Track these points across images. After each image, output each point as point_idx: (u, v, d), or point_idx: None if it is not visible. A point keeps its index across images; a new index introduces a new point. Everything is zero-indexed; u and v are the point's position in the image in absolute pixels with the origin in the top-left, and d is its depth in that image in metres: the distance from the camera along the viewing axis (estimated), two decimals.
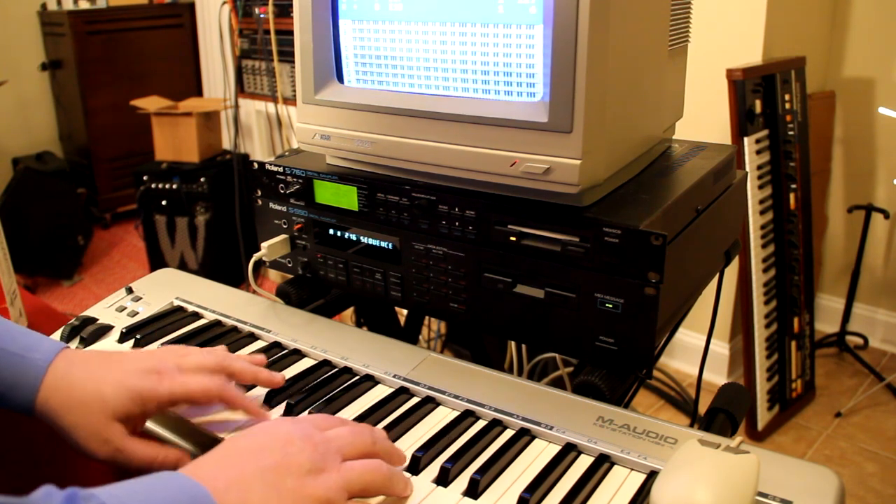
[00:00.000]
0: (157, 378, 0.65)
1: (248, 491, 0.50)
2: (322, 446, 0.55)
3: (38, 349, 0.66)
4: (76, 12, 3.51)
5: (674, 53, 0.86)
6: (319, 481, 0.53)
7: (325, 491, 0.52)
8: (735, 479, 0.53)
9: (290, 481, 0.52)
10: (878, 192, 2.40)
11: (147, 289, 0.96)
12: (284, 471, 0.52)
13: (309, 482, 0.52)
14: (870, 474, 1.91)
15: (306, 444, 0.55)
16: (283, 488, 0.51)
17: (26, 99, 3.74)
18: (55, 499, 0.41)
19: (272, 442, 0.54)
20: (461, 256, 0.79)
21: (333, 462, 0.55)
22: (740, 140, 1.93)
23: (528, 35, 0.68)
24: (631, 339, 0.70)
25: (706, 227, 0.82)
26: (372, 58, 0.80)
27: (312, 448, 0.55)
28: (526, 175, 0.70)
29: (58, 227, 3.20)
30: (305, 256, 0.93)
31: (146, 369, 0.66)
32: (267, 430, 0.56)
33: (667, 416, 2.18)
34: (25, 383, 0.64)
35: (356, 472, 0.55)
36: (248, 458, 0.53)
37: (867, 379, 2.32)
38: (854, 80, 2.36)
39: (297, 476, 0.52)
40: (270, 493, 0.51)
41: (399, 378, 0.75)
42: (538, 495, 0.58)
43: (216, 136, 2.94)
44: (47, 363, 0.65)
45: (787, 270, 2.09)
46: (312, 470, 0.53)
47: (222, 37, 2.82)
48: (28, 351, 0.65)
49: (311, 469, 0.53)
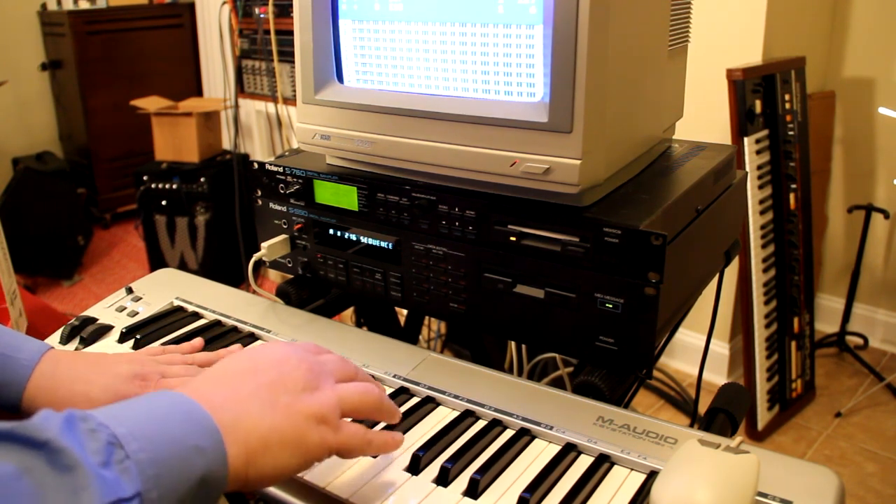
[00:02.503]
0: (141, 385, 0.66)
1: (244, 407, 0.51)
2: (316, 367, 0.57)
3: (23, 350, 0.67)
4: (76, 12, 3.51)
5: (674, 53, 0.86)
6: (314, 398, 0.54)
7: (319, 407, 0.54)
8: (735, 479, 0.53)
9: (285, 398, 0.53)
10: (878, 192, 2.40)
11: (147, 289, 0.96)
12: (280, 388, 0.53)
13: (304, 398, 0.53)
14: (870, 474, 1.91)
15: (301, 364, 0.56)
16: (278, 404, 0.52)
17: (26, 99, 3.74)
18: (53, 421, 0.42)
19: (267, 361, 0.55)
20: (461, 256, 0.79)
21: (327, 382, 0.56)
22: (740, 140, 1.93)
23: (528, 35, 0.68)
24: (631, 339, 0.70)
25: (706, 227, 0.82)
26: (372, 58, 0.80)
27: (307, 367, 0.56)
28: (526, 175, 0.70)
29: (58, 227, 3.20)
30: (305, 256, 0.93)
31: (131, 375, 0.67)
32: (262, 351, 0.57)
33: (667, 416, 2.18)
34: (12, 382, 0.65)
35: (348, 392, 0.56)
36: (244, 376, 0.54)
37: (867, 379, 2.32)
38: (854, 80, 2.36)
39: (291, 393, 0.53)
40: (265, 409, 0.51)
41: (399, 378, 0.75)
42: (538, 495, 0.58)
43: (216, 136, 2.94)
44: (33, 363, 0.66)
45: (787, 270, 2.09)
46: (307, 387, 0.54)
47: (222, 37, 2.81)
48: (14, 351, 0.67)
49: (305, 387, 0.54)
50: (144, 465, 0.43)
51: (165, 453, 0.44)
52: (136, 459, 0.42)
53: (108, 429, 0.43)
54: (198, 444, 0.46)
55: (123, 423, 0.44)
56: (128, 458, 0.42)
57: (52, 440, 0.40)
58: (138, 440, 0.43)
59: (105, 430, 0.43)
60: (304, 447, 0.52)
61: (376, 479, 0.61)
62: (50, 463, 0.39)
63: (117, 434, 0.43)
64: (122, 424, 0.44)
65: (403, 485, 0.61)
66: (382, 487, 0.60)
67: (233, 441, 0.49)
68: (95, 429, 0.43)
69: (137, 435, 0.44)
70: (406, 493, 0.60)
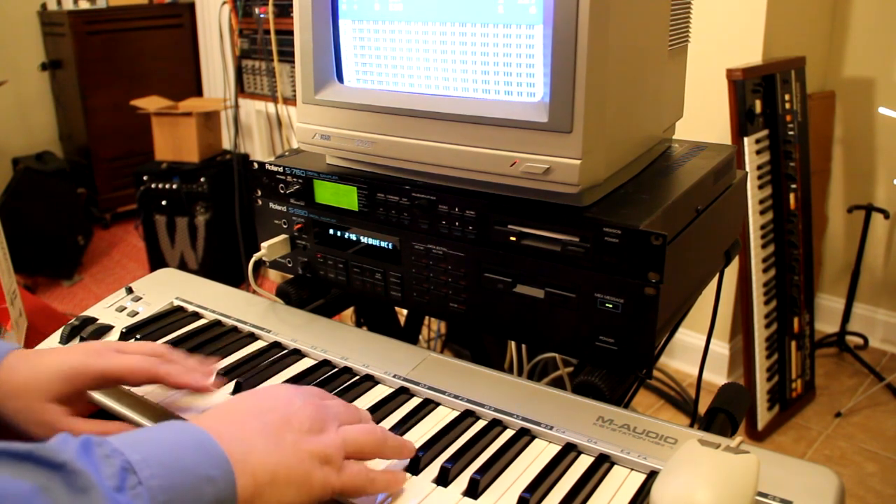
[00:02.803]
0: (94, 357, 0.67)
1: (252, 443, 0.52)
2: (321, 410, 0.58)
3: None
4: (76, 12, 3.51)
5: (674, 53, 0.86)
6: (319, 439, 0.55)
7: (324, 448, 0.55)
8: (735, 479, 0.53)
9: (291, 436, 0.54)
10: (878, 192, 2.40)
11: (147, 289, 0.96)
12: (286, 427, 0.55)
13: (309, 439, 0.55)
14: (870, 474, 1.91)
15: (306, 406, 0.58)
16: (285, 442, 0.54)
17: (26, 99, 3.74)
18: (71, 444, 0.43)
19: (274, 401, 0.57)
20: (461, 256, 0.79)
21: (331, 424, 0.58)
22: (740, 140, 1.93)
23: (528, 35, 0.68)
24: (631, 339, 0.70)
25: (706, 227, 0.82)
26: (372, 58, 0.80)
27: (313, 409, 0.58)
28: (526, 175, 0.70)
29: (58, 227, 3.20)
30: (305, 256, 0.93)
31: (85, 351, 0.68)
32: (269, 392, 0.59)
33: (667, 416, 2.18)
34: None
35: (353, 434, 0.58)
36: (251, 415, 0.55)
37: (867, 379, 2.32)
38: (854, 80, 2.36)
39: (297, 432, 0.55)
40: (272, 446, 0.53)
41: (399, 378, 0.75)
42: (538, 495, 0.58)
43: (216, 136, 2.94)
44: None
45: (787, 270, 2.09)
46: (312, 429, 0.56)
47: (222, 37, 2.81)
48: None
49: (311, 428, 0.56)
50: (156, 492, 0.44)
51: (177, 481, 0.45)
52: (149, 486, 0.44)
53: (122, 455, 0.44)
54: (209, 474, 0.47)
55: (137, 451, 0.45)
56: (140, 485, 0.43)
57: (69, 462, 0.41)
58: (151, 467, 0.45)
59: (120, 456, 0.44)
60: (308, 486, 0.53)
61: None
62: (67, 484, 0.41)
63: (131, 460, 0.44)
64: (137, 451, 0.45)
65: (403, 485, 0.61)
66: None
67: (242, 473, 0.50)
68: (110, 454, 0.44)
69: (151, 462, 0.45)
70: (406, 493, 0.60)
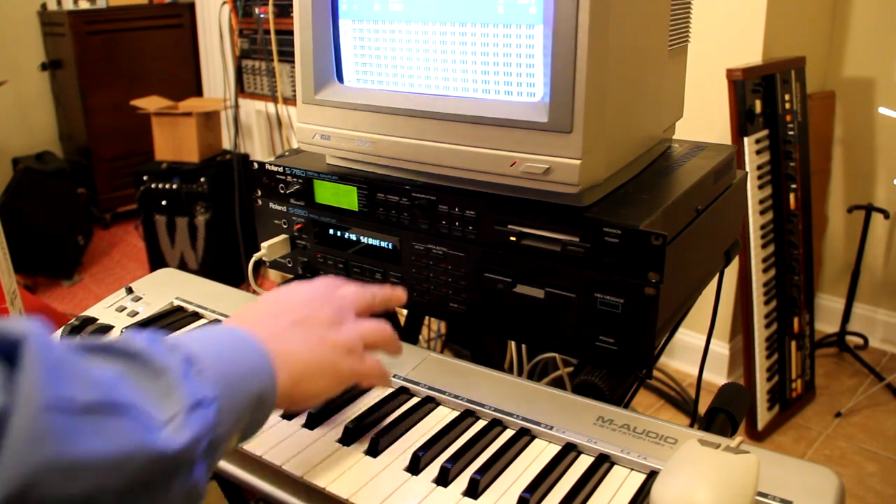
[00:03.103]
0: None
1: (284, 340, 0.58)
2: (337, 303, 0.64)
3: None
4: (76, 12, 3.51)
5: (674, 53, 0.86)
6: (341, 332, 0.62)
7: (346, 340, 0.61)
8: (735, 479, 0.53)
9: (317, 332, 0.60)
10: (878, 192, 2.40)
11: (147, 289, 0.96)
12: (312, 323, 0.61)
13: (332, 332, 0.61)
14: (870, 474, 1.91)
15: (325, 303, 0.63)
16: (312, 338, 0.60)
17: (26, 99, 3.74)
18: (140, 337, 0.47)
19: (296, 302, 0.63)
20: (461, 256, 0.79)
21: (349, 316, 0.64)
22: (740, 140, 1.93)
23: (528, 35, 0.68)
24: (631, 339, 0.70)
25: (706, 227, 0.82)
26: (372, 58, 0.80)
27: (332, 305, 0.63)
28: (526, 175, 0.70)
29: (58, 227, 3.20)
30: (305, 256, 0.93)
31: None
32: (288, 293, 0.64)
33: (667, 416, 2.18)
34: None
35: (368, 329, 0.64)
36: (279, 314, 0.61)
37: (867, 379, 2.32)
38: (854, 80, 2.36)
39: (322, 327, 0.61)
40: (302, 342, 0.59)
41: (399, 378, 0.75)
42: (538, 495, 0.58)
43: (216, 136, 2.94)
44: None
45: (787, 270, 2.09)
46: (334, 322, 0.62)
47: (222, 37, 2.81)
48: None
49: (332, 322, 0.62)
50: (214, 380, 0.48)
51: (230, 372, 0.50)
52: (207, 375, 0.48)
53: (184, 347, 0.49)
54: (254, 367, 0.52)
55: (192, 345, 0.49)
56: (202, 372, 0.48)
57: (143, 352, 0.46)
58: (208, 358, 0.49)
59: (182, 347, 0.48)
60: (337, 374, 0.60)
61: (376, 479, 0.62)
62: (144, 369, 0.45)
63: (191, 352, 0.48)
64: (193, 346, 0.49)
65: (403, 485, 0.61)
66: (382, 487, 0.60)
67: (280, 367, 0.55)
68: (174, 346, 0.48)
69: (206, 355, 0.49)
70: (406, 493, 0.60)
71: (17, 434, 0.36)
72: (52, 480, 0.37)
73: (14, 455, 0.35)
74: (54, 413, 0.38)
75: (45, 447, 0.37)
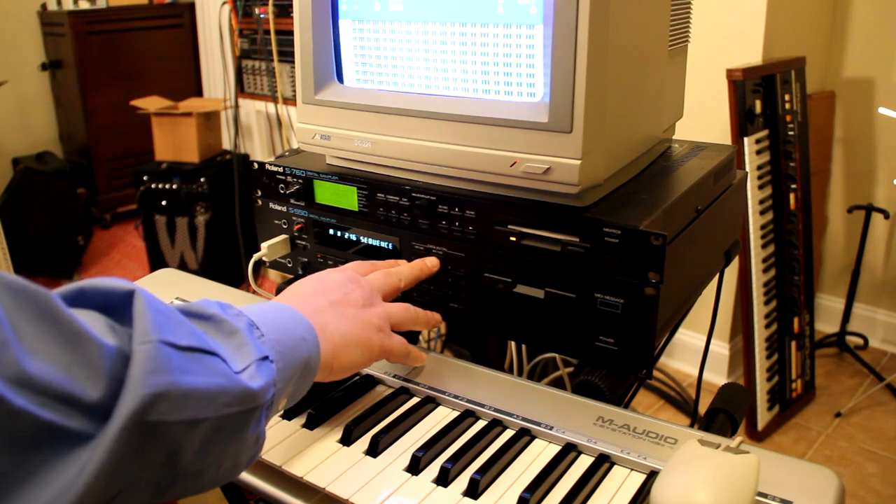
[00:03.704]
0: None
1: (324, 316, 0.65)
2: (367, 286, 0.71)
3: None
4: (76, 12, 3.51)
5: (674, 53, 0.86)
6: (371, 312, 0.69)
7: (377, 319, 0.69)
8: (735, 479, 0.53)
9: (351, 311, 0.67)
10: (878, 192, 2.40)
11: (147, 289, 0.96)
12: (346, 303, 0.68)
13: (364, 312, 0.68)
14: (870, 474, 1.91)
15: (356, 286, 0.71)
16: (348, 315, 0.67)
17: (26, 99, 3.74)
18: (211, 304, 0.55)
19: (331, 285, 0.69)
20: (461, 256, 0.79)
21: (377, 299, 0.72)
22: (740, 140, 1.93)
23: (528, 35, 0.68)
24: (631, 339, 0.70)
25: (706, 227, 0.82)
26: (372, 58, 0.80)
27: (362, 289, 0.71)
28: (526, 175, 0.70)
29: (58, 227, 3.20)
30: (305, 256, 0.93)
31: None
32: (324, 277, 0.71)
33: (667, 416, 2.18)
34: None
35: (394, 310, 0.72)
36: (317, 295, 0.68)
37: (867, 379, 2.32)
38: (854, 80, 2.36)
39: (355, 307, 0.68)
40: (340, 318, 0.66)
41: (399, 378, 0.75)
42: (538, 495, 0.58)
43: (216, 136, 2.94)
44: None
45: (787, 270, 2.09)
46: (365, 304, 0.69)
47: (222, 37, 2.81)
48: None
49: (363, 303, 0.69)
50: (273, 344, 0.55)
51: (284, 339, 0.57)
52: (268, 339, 0.55)
53: (247, 315, 0.56)
54: (302, 336, 0.59)
55: (253, 315, 0.56)
56: (263, 336, 0.55)
57: (217, 314, 0.54)
58: (265, 326, 0.56)
59: (245, 315, 0.56)
60: (369, 348, 0.67)
61: (376, 479, 0.61)
62: (220, 328, 0.53)
63: (253, 319, 0.56)
64: (253, 315, 0.56)
65: (403, 485, 0.61)
66: (382, 487, 0.60)
67: (323, 339, 0.62)
68: (239, 313, 0.56)
69: (265, 322, 0.56)
70: (406, 493, 0.60)
71: (139, 364, 0.43)
72: (162, 408, 0.44)
73: (138, 379, 0.43)
74: (168, 349, 0.45)
75: (160, 376, 0.44)
